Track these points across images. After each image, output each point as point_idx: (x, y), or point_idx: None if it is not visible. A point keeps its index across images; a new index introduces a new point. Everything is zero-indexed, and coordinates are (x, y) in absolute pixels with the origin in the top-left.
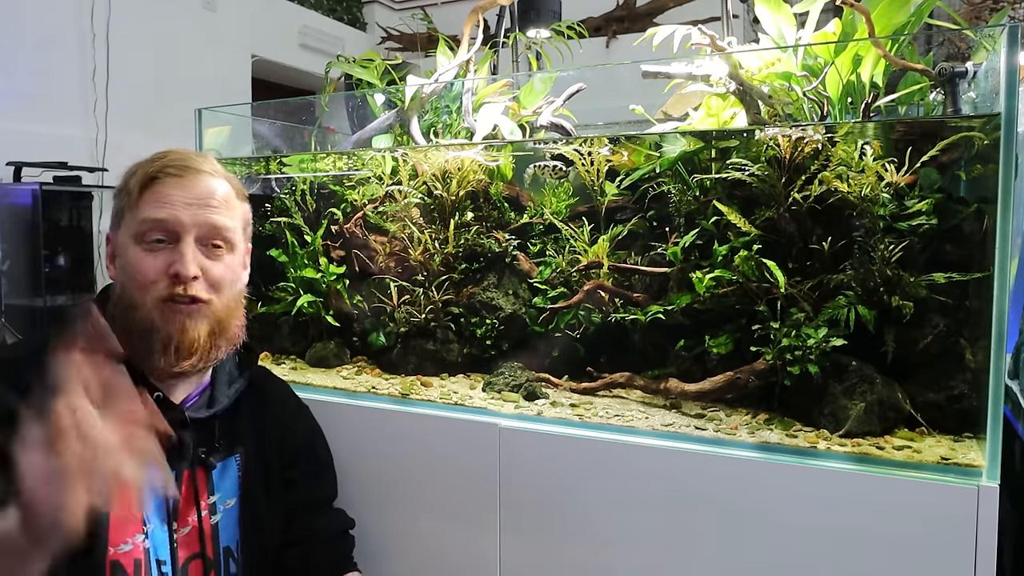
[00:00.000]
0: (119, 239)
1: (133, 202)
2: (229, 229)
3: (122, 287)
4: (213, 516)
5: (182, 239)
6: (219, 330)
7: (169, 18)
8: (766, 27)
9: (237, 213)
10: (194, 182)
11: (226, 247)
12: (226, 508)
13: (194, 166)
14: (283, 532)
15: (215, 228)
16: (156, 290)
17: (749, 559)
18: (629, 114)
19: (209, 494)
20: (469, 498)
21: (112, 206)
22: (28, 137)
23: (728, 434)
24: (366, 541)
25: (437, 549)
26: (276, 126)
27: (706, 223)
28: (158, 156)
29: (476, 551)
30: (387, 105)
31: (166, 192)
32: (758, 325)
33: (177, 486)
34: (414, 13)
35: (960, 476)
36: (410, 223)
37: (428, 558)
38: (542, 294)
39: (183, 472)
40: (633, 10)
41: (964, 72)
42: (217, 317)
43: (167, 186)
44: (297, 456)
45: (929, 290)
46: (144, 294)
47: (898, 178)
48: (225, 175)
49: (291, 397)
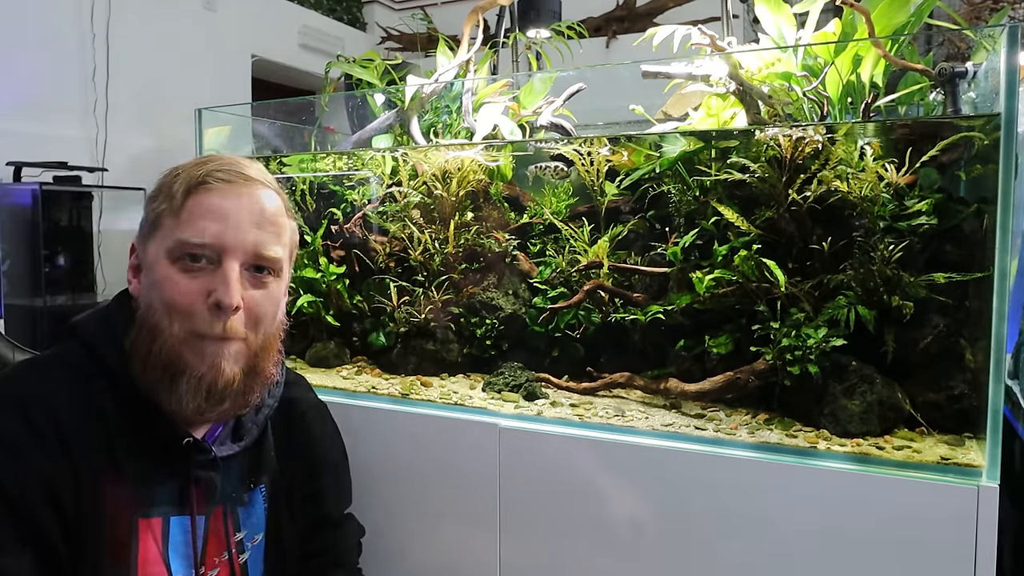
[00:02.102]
0: (149, 251)
1: (176, 208)
2: (278, 254)
3: (147, 307)
4: (241, 555)
5: (225, 261)
6: (254, 370)
7: (169, 18)
8: (766, 27)
9: (287, 235)
10: (246, 192)
11: (272, 274)
12: (254, 545)
13: (246, 173)
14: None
15: (263, 253)
16: (190, 320)
17: (749, 559)
18: (629, 114)
19: (236, 531)
20: (469, 498)
21: (145, 211)
22: (28, 137)
23: (728, 434)
24: (366, 541)
25: (437, 549)
26: (276, 126)
27: (706, 223)
28: (204, 160)
29: (476, 551)
30: (387, 105)
31: (214, 203)
32: (758, 325)
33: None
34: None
35: (960, 476)
36: (410, 223)
37: (428, 558)
38: (542, 294)
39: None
40: (633, 10)
41: (964, 72)
42: (253, 355)
43: (216, 195)
44: (323, 470)
45: (929, 290)
46: (174, 321)
47: (898, 178)
48: (276, 186)
49: (314, 403)
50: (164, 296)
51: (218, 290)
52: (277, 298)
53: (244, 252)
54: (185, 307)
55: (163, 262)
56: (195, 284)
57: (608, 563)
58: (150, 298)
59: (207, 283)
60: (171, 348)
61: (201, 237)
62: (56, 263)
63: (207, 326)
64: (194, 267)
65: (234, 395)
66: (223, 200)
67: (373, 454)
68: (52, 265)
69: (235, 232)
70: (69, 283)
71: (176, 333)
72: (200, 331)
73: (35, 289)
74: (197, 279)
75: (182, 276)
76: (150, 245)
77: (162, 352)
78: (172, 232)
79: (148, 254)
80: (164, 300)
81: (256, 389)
